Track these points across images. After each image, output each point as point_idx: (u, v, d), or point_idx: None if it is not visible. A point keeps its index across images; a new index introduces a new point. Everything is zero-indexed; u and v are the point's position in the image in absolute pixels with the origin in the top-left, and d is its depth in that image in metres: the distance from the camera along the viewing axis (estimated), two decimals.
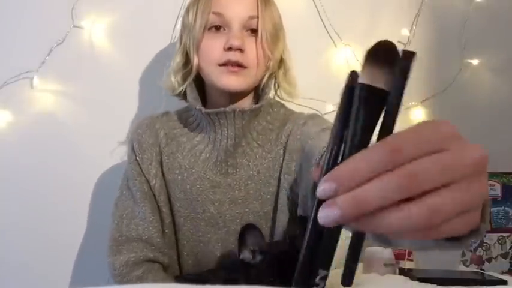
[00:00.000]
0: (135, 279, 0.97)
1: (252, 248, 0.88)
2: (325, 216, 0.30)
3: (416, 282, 0.96)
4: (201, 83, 1.05)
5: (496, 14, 1.46)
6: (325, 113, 1.31)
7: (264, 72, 1.00)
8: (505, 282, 0.96)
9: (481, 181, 0.33)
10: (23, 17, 1.32)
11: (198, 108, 1.00)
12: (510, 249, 1.35)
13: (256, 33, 0.98)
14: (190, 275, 1.03)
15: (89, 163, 1.33)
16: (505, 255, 1.35)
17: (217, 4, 0.97)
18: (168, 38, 1.32)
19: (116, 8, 1.35)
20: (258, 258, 0.88)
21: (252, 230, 0.89)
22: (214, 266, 1.02)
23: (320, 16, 1.39)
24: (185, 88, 1.02)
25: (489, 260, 1.35)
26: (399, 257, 1.10)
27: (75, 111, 1.34)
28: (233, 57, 0.95)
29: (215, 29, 0.98)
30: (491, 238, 1.35)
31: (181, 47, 1.02)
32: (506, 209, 1.36)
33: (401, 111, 0.33)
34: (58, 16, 1.31)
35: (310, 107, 1.32)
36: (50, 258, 1.32)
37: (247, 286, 0.60)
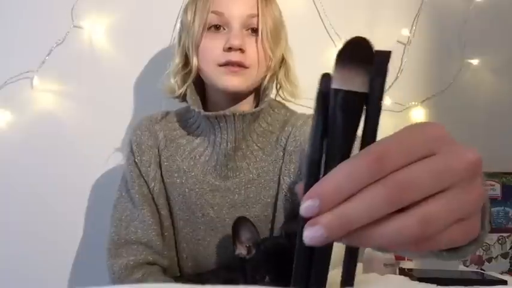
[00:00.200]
0: (135, 282, 0.95)
1: (247, 244, 0.89)
2: (310, 237, 0.28)
3: (416, 282, 0.95)
4: (201, 84, 1.03)
5: (496, 14, 1.45)
6: None
7: (265, 73, 0.98)
8: (505, 282, 0.96)
9: (476, 185, 0.31)
10: (23, 16, 1.32)
11: (197, 110, 0.97)
12: (510, 249, 1.35)
13: (256, 33, 0.95)
14: (190, 275, 1.03)
15: (89, 163, 1.33)
16: (505, 255, 1.35)
17: (217, 3, 0.94)
18: (168, 38, 1.32)
19: (116, 8, 1.35)
20: (253, 253, 0.88)
21: (244, 223, 0.89)
22: (214, 266, 1.02)
23: (320, 16, 1.39)
24: (185, 90, 1.00)
25: (489, 260, 1.34)
26: (399, 257, 1.09)
27: (75, 111, 1.34)
28: (234, 57, 0.92)
29: (214, 29, 0.95)
30: (491, 238, 1.35)
31: (180, 47, 0.99)
32: (506, 209, 1.36)
33: (382, 113, 0.30)
34: (58, 16, 1.31)
35: (310, 107, 1.32)
36: (49, 259, 1.32)
37: (247, 286, 0.60)
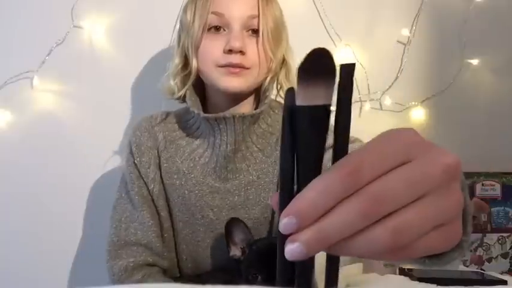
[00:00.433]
0: (135, 283, 0.95)
1: (241, 245, 0.89)
2: (291, 252, 0.29)
3: (416, 282, 0.95)
4: (200, 85, 1.02)
5: (496, 14, 1.45)
6: None
7: (265, 74, 0.97)
8: (505, 282, 0.96)
9: (454, 189, 0.31)
10: (23, 16, 1.32)
11: (197, 112, 0.96)
12: (510, 249, 1.35)
13: (257, 34, 0.94)
14: (190, 276, 1.03)
15: (89, 163, 1.33)
16: (505, 255, 1.35)
17: (217, 3, 0.93)
18: (168, 38, 1.32)
19: (116, 8, 1.35)
20: (246, 254, 0.89)
21: (236, 224, 0.89)
22: (213, 267, 1.02)
23: (320, 16, 1.39)
24: (185, 91, 0.99)
25: (489, 260, 1.34)
26: None
27: (75, 111, 1.34)
28: (234, 59, 0.91)
29: (214, 30, 0.94)
30: (491, 238, 1.35)
31: (180, 48, 0.98)
32: (506, 209, 1.36)
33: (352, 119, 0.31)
34: (58, 16, 1.31)
35: None
36: (49, 259, 1.32)
37: (247, 286, 0.60)
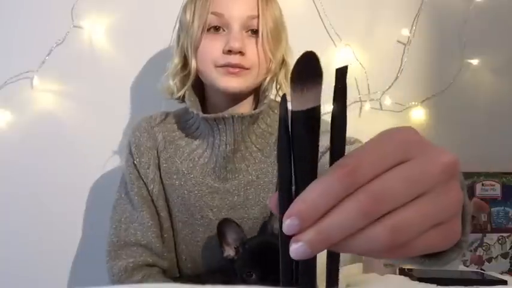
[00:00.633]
0: (135, 284, 0.95)
1: (235, 245, 0.90)
2: (296, 252, 0.30)
3: (416, 282, 0.96)
4: (200, 85, 1.02)
5: (496, 14, 1.45)
6: (324, 113, 1.30)
7: (265, 75, 0.97)
8: (505, 282, 0.96)
9: (453, 188, 0.31)
10: (23, 16, 1.32)
11: (196, 113, 0.96)
12: (510, 249, 1.35)
13: (257, 34, 0.94)
14: (190, 276, 1.03)
15: (89, 163, 1.33)
16: (505, 255, 1.35)
17: (216, 3, 0.93)
18: (168, 38, 1.31)
19: (116, 8, 1.35)
20: (240, 253, 0.89)
21: (228, 224, 0.90)
22: (213, 267, 1.02)
23: (320, 16, 1.39)
24: (184, 92, 0.99)
25: (489, 260, 1.34)
26: None
27: (75, 111, 1.34)
28: (233, 60, 0.91)
29: (214, 30, 0.93)
30: (491, 238, 1.35)
31: (179, 48, 0.98)
32: (506, 209, 1.36)
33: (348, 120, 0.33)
34: (58, 16, 1.31)
35: None
36: (48, 259, 1.32)
37: (246, 286, 0.60)
